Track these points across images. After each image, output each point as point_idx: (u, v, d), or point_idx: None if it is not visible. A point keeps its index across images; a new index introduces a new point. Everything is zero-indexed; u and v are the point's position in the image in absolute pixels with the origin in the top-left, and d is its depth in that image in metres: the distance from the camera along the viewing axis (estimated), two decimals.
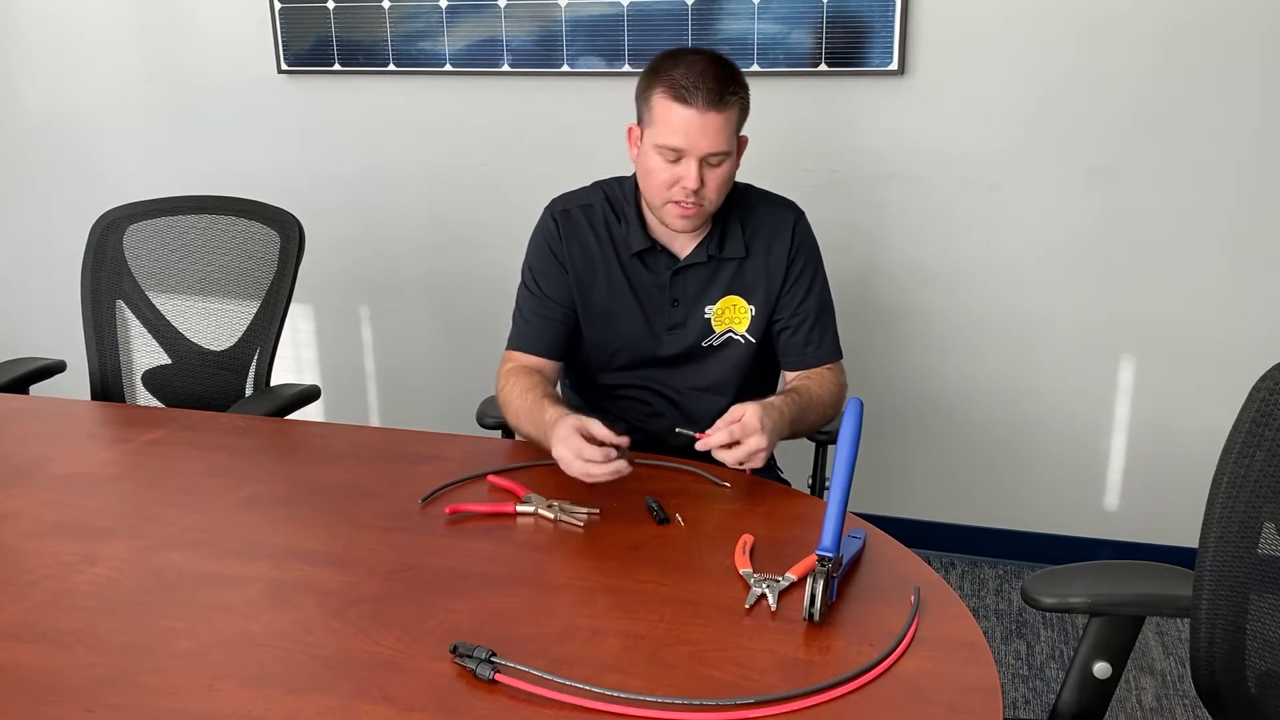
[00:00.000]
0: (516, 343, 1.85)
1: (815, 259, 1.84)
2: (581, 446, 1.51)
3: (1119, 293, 2.63)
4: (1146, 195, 2.55)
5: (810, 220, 1.86)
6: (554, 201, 1.87)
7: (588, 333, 1.85)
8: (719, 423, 1.54)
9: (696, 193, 1.66)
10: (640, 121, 1.72)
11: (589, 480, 1.52)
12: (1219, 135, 2.47)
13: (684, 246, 1.80)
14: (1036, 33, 2.51)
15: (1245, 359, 2.50)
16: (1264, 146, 2.45)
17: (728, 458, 1.53)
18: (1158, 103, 2.49)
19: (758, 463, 1.54)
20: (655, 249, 1.80)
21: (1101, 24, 2.47)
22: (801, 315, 1.81)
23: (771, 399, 1.64)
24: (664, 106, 1.64)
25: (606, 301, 1.82)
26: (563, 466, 1.53)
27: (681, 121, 1.63)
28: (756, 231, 1.80)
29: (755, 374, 1.86)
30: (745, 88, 1.69)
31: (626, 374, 1.86)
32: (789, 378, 1.86)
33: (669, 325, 1.81)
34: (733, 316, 1.81)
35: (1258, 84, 2.42)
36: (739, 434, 1.52)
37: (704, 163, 1.65)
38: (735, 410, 1.54)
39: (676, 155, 1.65)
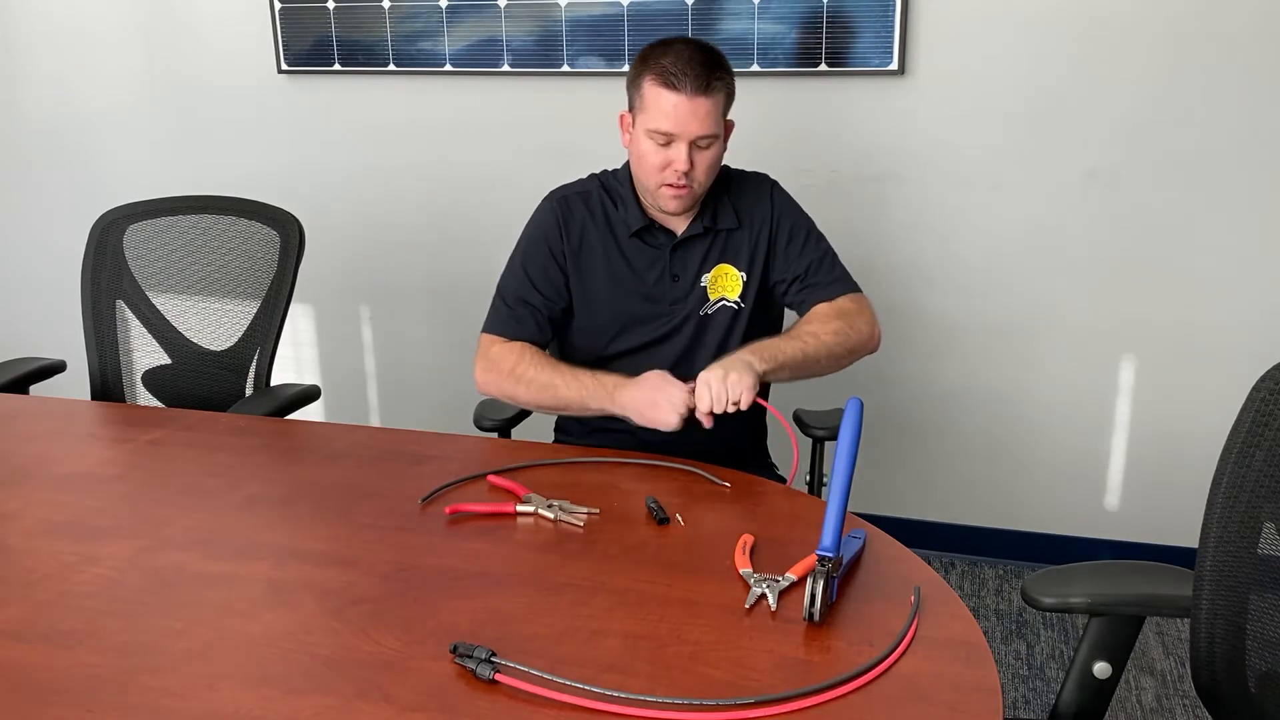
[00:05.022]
0: (499, 328, 1.86)
1: (800, 215, 1.89)
2: (686, 395, 1.62)
3: (1119, 292, 2.62)
4: (1146, 195, 2.55)
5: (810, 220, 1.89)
6: (552, 192, 1.91)
7: (590, 316, 1.87)
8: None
9: (687, 174, 1.73)
10: (631, 109, 1.79)
11: (673, 424, 1.61)
12: (1218, 135, 2.47)
13: (679, 224, 1.85)
14: (1036, 33, 2.51)
15: (1245, 359, 2.49)
16: (1264, 145, 2.45)
17: (716, 405, 1.60)
18: (1157, 103, 2.49)
19: (740, 394, 1.59)
20: (653, 227, 1.85)
21: (1101, 24, 2.47)
22: (804, 262, 1.85)
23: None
24: (654, 93, 1.72)
25: (608, 283, 1.85)
26: (652, 402, 1.64)
27: (671, 106, 1.71)
28: (740, 202, 1.87)
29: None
30: (730, 73, 1.77)
31: (633, 355, 1.87)
32: None
33: (671, 300, 1.85)
34: (724, 284, 1.85)
35: (1257, 83, 2.42)
36: (690, 401, 1.61)
37: (694, 145, 1.73)
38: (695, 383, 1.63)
39: (667, 139, 1.72)
